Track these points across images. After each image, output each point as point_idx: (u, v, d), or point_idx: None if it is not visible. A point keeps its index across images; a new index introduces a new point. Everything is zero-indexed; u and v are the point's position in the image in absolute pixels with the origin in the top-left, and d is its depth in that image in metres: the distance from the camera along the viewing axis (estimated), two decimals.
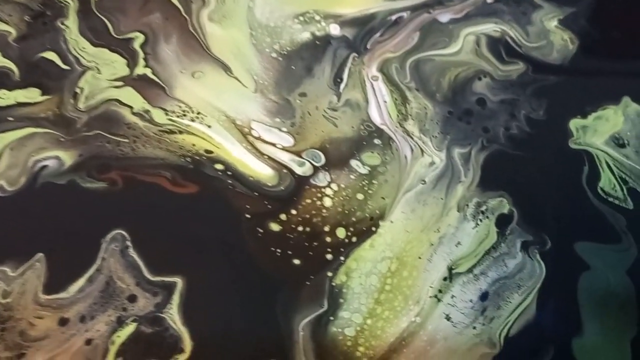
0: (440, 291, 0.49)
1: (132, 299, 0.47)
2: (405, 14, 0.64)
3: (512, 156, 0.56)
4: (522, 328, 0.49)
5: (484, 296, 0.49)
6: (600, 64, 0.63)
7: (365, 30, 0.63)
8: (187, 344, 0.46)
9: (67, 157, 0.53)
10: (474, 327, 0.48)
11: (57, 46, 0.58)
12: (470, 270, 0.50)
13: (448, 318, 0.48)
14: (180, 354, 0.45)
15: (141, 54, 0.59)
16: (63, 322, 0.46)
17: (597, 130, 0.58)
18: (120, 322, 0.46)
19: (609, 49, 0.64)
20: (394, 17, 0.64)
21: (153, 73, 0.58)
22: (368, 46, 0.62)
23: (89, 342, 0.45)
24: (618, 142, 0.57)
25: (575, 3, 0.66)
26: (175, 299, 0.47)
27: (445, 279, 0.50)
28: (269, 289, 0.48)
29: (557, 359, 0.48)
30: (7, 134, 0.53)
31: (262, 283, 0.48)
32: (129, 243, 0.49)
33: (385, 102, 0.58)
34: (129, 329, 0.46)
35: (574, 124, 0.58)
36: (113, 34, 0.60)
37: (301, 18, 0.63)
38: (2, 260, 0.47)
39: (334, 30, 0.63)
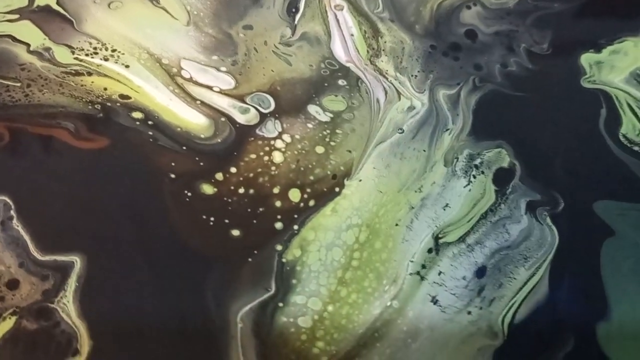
0: (423, 267, 0.37)
1: (13, 285, 0.35)
2: None
3: (512, 98, 0.44)
4: (531, 312, 0.37)
5: (480, 272, 0.37)
6: None
7: None
8: (85, 342, 0.33)
9: None
10: (469, 312, 0.36)
11: None
12: (462, 240, 0.39)
13: (435, 301, 0.36)
14: (75, 357, 0.32)
15: None
16: None
17: (615, 66, 0.47)
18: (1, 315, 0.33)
19: None
20: None
21: (58, 3, 0.45)
22: None
23: None
24: (638, 78, 0.45)
25: None
26: (71, 284, 0.35)
27: (430, 251, 0.38)
28: (196, 269, 0.36)
29: (579, 350, 0.35)
30: None
31: (188, 261, 0.36)
32: (12, 212, 0.36)
33: (352, 35, 0.46)
34: (6, 324, 0.33)
35: (586, 59, 0.47)
36: None
37: None
38: None
39: None
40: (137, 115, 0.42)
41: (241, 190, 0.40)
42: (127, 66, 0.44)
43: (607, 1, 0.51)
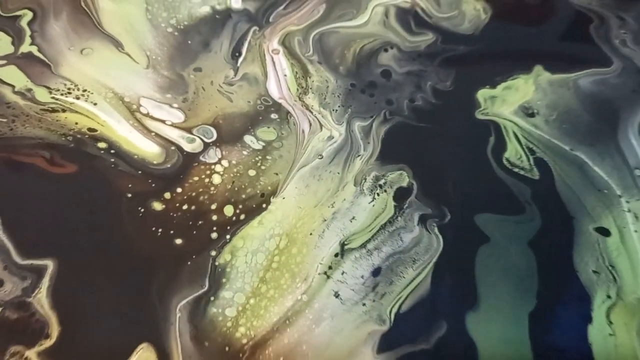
0: (330, 267, 0.47)
1: None
2: None
3: (415, 128, 0.54)
4: (414, 304, 0.46)
5: (376, 272, 0.47)
6: (513, 34, 0.60)
7: (268, 3, 0.60)
8: (55, 329, 0.43)
9: None
10: (364, 304, 0.46)
11: None
12: (363, 246, 0.48)
13: (337, 295, 0.46)
14: (46, 340, 0.42)
15: (28, 32, 0.56)
16: None
17: (506, 100, 0.56)
18: None
19: (522, 17, 0.61)
20: None
21: (39, 50, 0.55)
22: (270, 19, 0.59)
23: None
24: (527, 111, 0.55)
25: None
26: (45, 282, 0.44)
27: (336, 255, 0.47)
28: (146, 270, 0.45)
29: (450, 334, 0.45)
30: None
31: (138, 264, 0.45)
32: None
33: (285, 75, 0.56)
34: None
35: (482, 94, 0.56)
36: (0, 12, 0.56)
37: None
38: None
39: (235, 3, 0.60)
40: (102, 145, 0.52)
41: (185, 207, 0.49)
42: (95, 104, 0.54)
43: (503, 45, 0.61)
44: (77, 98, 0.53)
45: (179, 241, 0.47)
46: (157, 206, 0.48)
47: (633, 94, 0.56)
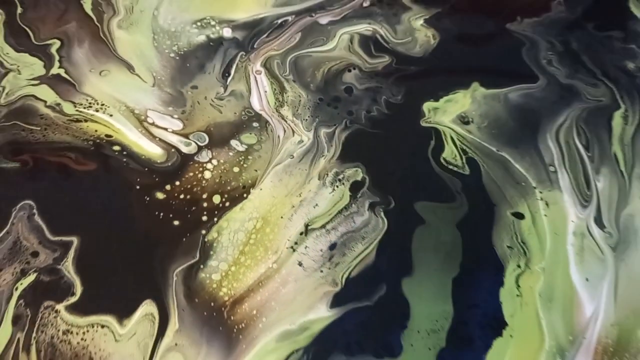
0: (296, 243, 0.60)
1: (35, 254, 0.57)
2: (289, 18, 0.75)
3: (370, 134, 0.66)
4: (361, 271, 0.59)
5: (332, 246, 0.60)
6: (456, 56, 0.73)
7: (253, 32, 0.74)
8: (78, 288, 0.56)
9: None
10: (321, 271, 0.58)
11: None
12: (323, 226, 0.60)
13: (300, 264, 0.58)
14: (72, 297, 0.55)
15: (57, 57, 0.70)
16: None
17: (447, 110, 0.69)
18: (23, 273, 0.56)
19: (465, 42, 0.74)
20: (279, 21, 0.75)
21: (66, 72, 0.69)
22: (255, 46, 0.73)
23: None
24: (463, 120, 0.68)
25: (440, 5, 0.77)
26: (71, 253, 0.57)
27: (301, 233, 0.60)
28: (149, 244, 0.58)
29: (388, 294, 0.57)
30: None
31: (144, 240, 0.58)
32: (34, 211, 0.59)
33: (266, 92, 0.69)
34: (30, 278, 0.56)
35: (427, 106, 0.69)
36: (33, 41, 0.71)
37: (199, 23, 0.74)
38: None
39: (227, 33, 0.73)
40: (116, 148, 0.65)
41: (182, 196, 0.62)
42: (111, 115, 0.67)
43: (448, 65, 0.74)
44: (97, 110, 0.66)
45: (176, 222, 0.60)
46: (160, 195, 0.61)
47: (553, 105, 0.69)
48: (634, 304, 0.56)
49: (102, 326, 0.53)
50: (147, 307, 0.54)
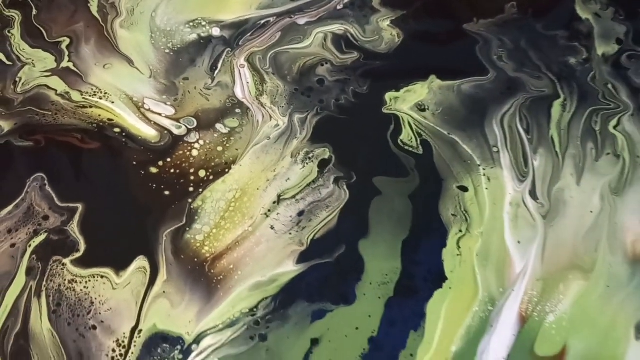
0: (269, 210, 0.70)
1: (46, 218, 0.68)
2: (271, 19, 0.85)
3: (338, 120, 0.77)
4: (325, 234, 0.69)
5: (300, 213, 0.70)
6: (417, 52, 0.84)
7: (239, 32, 0.85)
8: (82, 246, 0.66)
9: (6, 125, 0.74)
10: (290, 234, 0.68)
11: (4, 48, 0.80)
12: (293, 197, 0.71)
13: (272, 228, 0.69)
14: (77, 253, 0.66)
15: (66, 53, 0.80)
16: None
17: (406, 99, 0.79)
18: (35, 233, 0.66)
19: (426, 41, 0.85)
20: (262, 22, 0.85)
21: (74, 66, 0.80)
22: (240, 43, 0.83)
23: (13, 245, 0.66)
24: (420, 107, 0.78)
25: (406, 7, 0.88)
26: (77, 217, 0.68)
27: (274, 202, 0.70)
28: (143, 210, 0.68)
29: (347, 253, 0.67)
30: None
31: (139, 207, 0.69)
32: (45, 182, 0.70)
33: (248, 83, 0.80)
34: (42, 237, 0.66)
35: (389, 95, 0.79)
36: (46, 38, 0.81)
37: (191, 24, 0.85)
38: None
39: (216, 32, 0.84)
40: (116, 130, 0.76)
41: (172, 171, 0.73)
42: (112, 102, 0.78)
43: (409, 60, 0.84)
44: (100, 98, 0.77)
45: (167, 192, 0.70)
46: (153, 170, 0.72)
47: (501, 95, 0.79)
48: (558, 263, 0.66)
49: (102, 276, 0.63)
50: (140, 262, 0.65)
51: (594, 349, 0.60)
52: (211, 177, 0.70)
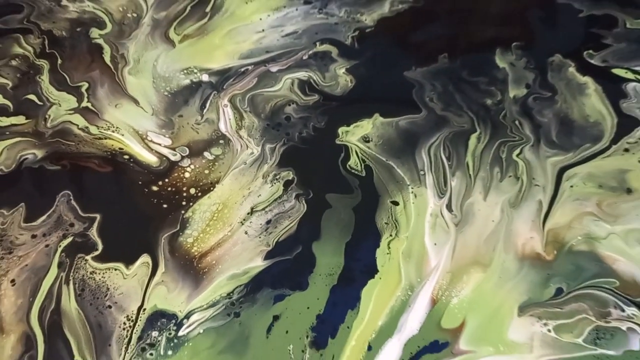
0: (244, 219, 0.91)
1: (72, 225, 0.89)
2: (250, 67, 1.08)
3: (300, 148, 0.98)
4: (286, 237, 0.90)
5: (268, 222, 0.91)
6: (365, 94, 1.06)
7: (224, 77, 1.06)
8: (100, 246, 0.87)
9: (39, 153, 0.95)
10: (260, 237, 0.90)
11: (36, 91, 1.02)
12: (263, 209, 0.92)
13: (246, 232, 0.90)
14: (95, 251, 0.87)
15: (85, 95, 1.02)
16: (33, 236, 0.88)
17: (354, 133, 1.00)
18: (64, 236, 0.88)
19: (372, 85, 1.07)
20: (242, 70, 1.08)
21: (92, 105, 1.01)
22: (224, 87, 1.05)
23: (47, 245, 0.87)
24: (365, 139, 1.00)
25: (359, 57, 1.10)
26: (95, 225, 0.89)
27: (248, 213, 0.92)
28: (147, 220, 0.90)
29: (303, 252, 0.89)
30: (5, 141, 0.96)
31: (143, 217, 0.90)
32: (71, 197, 0.91)
33: (230, 119, 1.02)
34: (69, 239, 0.88)
35: (341, 130, 1.00)
36: (69, 83, 1.03)
37: (185, 71, 1.07)
38: (0, 206, 0.89)
39: (205, 78, 1.06)
40: (125, 156, 0.97)
41: (169, 189, 0.95)
42: (122, 134, 1.00)
43: (358, 101, 1.06)
44: (113, 132, 0.99)
45: (165, 205, 0.92)
46: (154, 188, 0.93)
47: (429, 130, 1.01)
48: (463, 260, 0.87)
49: (115, 269, 0.85)
50: (144, 258, 0.86)
51: (485, 323, 0.81)
52: (199, 194, 0.92)
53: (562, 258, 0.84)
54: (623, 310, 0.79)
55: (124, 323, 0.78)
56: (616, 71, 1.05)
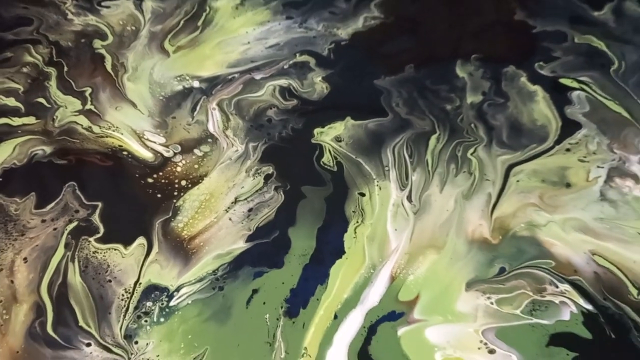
0: (229, 208, 1.03)
1: (77, 211, 1.02)
2: (236, 75, 1.21)
3: (282, 147, 1.09)
4: (266, 223, 1.02)
5: (250, 210, 1.04)
6: (339, 99, 1.19)
7: (213, 84, 1.19)
8: (101, 229, 0.99)
9: (48, 149, 1.07)
10: (242, 223, 1.02)
11: (45, 95, 1.15)
12: (246, 199, 1.05)
13: (230, 219, 1.03)
14: (97, 234, 1.00)
15: (89, 98, 1.15)
16: (43, 221, 1.01)
17: (328, 133, 1.13)
18: (70, 221, 1.00)
19: (345, 92, 1.20)
20: (229, 77, 1.21)
21: (94, 108, 1.14)
22: (213, 92, 1.19)
23: (55, 229, 1.00)
24: (338, 139, 1.13)
25: (334, 66, 1.24)
26: (98, 211, 1.02)
27: (232, 202, 1.05)
28: (143, 208, 1.02)
29: (279, 236, 1.01)
30: (18, 138, 1.08)
31: (139, 206, 1.02)
32: (76, 188, 1.04)
33: (217, 120, 1.15)
34: (74, 224, 1.00)
35: (317, 130, 1.13)
36: (75, 88, 1.17)
37: (178, 78, 1.20)
38: (13, 195, 1.02)
39: (196, 84, 1.19)
40: (124, 152, 1.10)
41: (163, 181, 1.07)
42: (122, 133, 1.13)
43: (333, 105, 1.19)
44: (113, 131, 1.12)
45: (159, 195, 1.04)
46: (150, 180, 1.06)
47: (394, 131, 1.14)
48: (420, 243, 0.99)
49: (114, 249, 0.97)
50: (140, 240, 0.98)
51: (437, 296, 0.93)
52: (190, 185, 1.04)
53: (506, 242, 0.97)
54: (557, 287, 0.92)
55: (122, 295, 0.90)
56: (563, 81, 1.18)
